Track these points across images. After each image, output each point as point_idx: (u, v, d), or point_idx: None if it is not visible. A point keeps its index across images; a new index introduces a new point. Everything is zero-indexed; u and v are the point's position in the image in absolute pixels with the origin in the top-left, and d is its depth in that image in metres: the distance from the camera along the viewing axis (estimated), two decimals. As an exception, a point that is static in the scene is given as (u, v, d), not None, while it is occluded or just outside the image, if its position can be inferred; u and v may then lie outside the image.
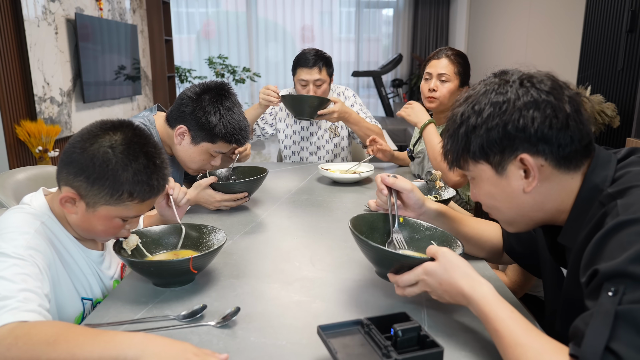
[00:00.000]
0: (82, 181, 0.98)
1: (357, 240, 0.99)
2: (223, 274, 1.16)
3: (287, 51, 8.14)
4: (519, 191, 0.86)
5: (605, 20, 3.37)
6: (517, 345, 0.73)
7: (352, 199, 1.80)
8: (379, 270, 1.03)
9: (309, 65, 2.31)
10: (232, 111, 1.55)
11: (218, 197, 1.61)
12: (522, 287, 1.51)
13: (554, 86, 0.84)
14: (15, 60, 3.59)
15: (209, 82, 1.61)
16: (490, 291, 0.82)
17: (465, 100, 0.90)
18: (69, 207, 1.02)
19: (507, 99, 0.83)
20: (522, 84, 0.84)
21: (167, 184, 1.08)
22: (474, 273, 0.85)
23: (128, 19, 5.42)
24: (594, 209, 0.81)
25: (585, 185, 0.84)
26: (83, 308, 1.07)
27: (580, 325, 0.69)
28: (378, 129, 2.38)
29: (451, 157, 0.93)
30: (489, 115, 0.84)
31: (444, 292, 0.87)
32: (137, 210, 1.04)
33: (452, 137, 0.91)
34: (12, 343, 0.74)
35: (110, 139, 1.00)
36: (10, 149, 3.57)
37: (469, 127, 0.86)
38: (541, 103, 0.82)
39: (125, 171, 0.99)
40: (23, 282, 0.84)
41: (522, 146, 0.82)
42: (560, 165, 0.83)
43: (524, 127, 0.81)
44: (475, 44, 6.63)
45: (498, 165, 0.86)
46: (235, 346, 0.86)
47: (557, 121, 0.81)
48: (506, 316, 0.77)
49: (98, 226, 1.03)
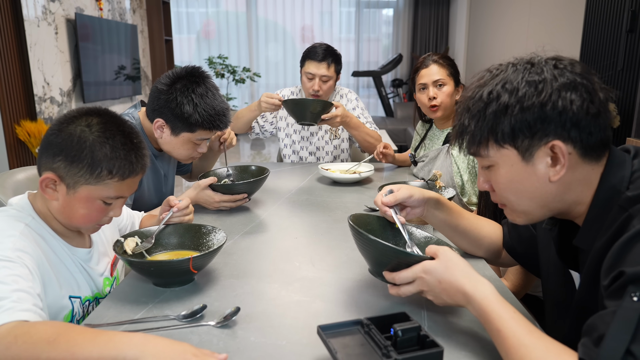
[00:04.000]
0: (60, 161, 0.98)
1: (356, 235, 0.97)
2: (223, 274, 1.16)
3: (287, 51, 8.14)
4: (544, 179, 0.81)
5: (605, 20, 3.37)
6: (521, 346, 0.72)
7: (352, 199, 1.80)
8: (374, 269, 1.00)
9: (318, 59, 2.28)
10: (206, 97, 1.49)
11: (217, 198, 1.60)
12: (524, 288, 1.51)
13: (586, 70, 0.80)
14: (15, 60, 3.59)
15: (179, 69, 1.54)
16: (492, 291, 0.81)
17: (491, 78, 0.83)
18: (49, 192, 1.00)
19: (544, 78, 0.78)
20: (556, 66, 0.80)
21: (147, 164, 1.07)
22: (475, 273, 0.85)
23: (128, 19, 5.42)
24: (614, 212, 0.78)
25: (603, 184, 0.81)
26: (72, 306, 1.05)
27: (599, 323, 0.67)
28: (377, 135, 2.37)
29: (471, 140, 0.85)
30: (524, 94, 0.78)
31: (443, 291, 0.85)
32: (117, 189, 1.02)
33: (475, 118, 0.83)
34: (12, 342, 0.74)
35: (86, 120, 1.00)
36: (10, 149, 3.57)
37: (500, 105, 0.80)
38: (578, 85, 0.77)
39: (103, 147, 0.98)
40: (14, 283, 0.84)
41: (555, 131, 0.78)
42: (585, 154, 0.79)
43: (562, 110, 0.77)
44: (475, 44, 6.63)
45: (526, 150, 0.80)
46: (235, 346, 0.86)
47: (593, 106, 0.77)
48: (509, 316, 0.76)
49: (80, 210, 1.01)
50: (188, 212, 1.29)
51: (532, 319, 0.96)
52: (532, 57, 0.83)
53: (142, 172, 1.07)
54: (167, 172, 1.79)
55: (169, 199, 1.27)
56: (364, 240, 0.94)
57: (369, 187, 1.96)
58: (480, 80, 0.86)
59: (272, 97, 2.15)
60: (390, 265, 0.92)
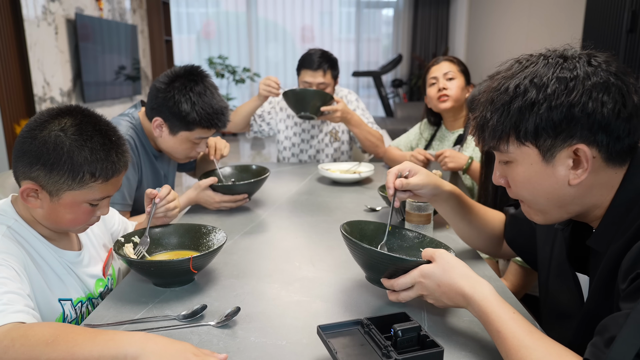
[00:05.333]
0: (39, 170, 0.94)
1: (349, 243, 0.97)
2: (223, 274, 1.16)
3: (287, 51, 8.14)
4: (563, 182, 0.78)
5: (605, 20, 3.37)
6: (522, 347, 0.71)
7: (352, 199, 1.80)
8: (370, 276, 0.99)
9: (314, 68, 2.27)
10: (204, 95, 1.50)
11: (217, 199, 1.60)
12: (523, 288, 1.51)
13: (622, 69, 0.76)
14: (15, 60, 3.59)
15: (178, 68, 1.54)
16: (491, 292, 0.80)
17: (520, 70, 0.78)
18: (32, 202, 0.96)
19: (576, 75, 0.74)
20: (590, 63, 0.75)
21: (129, 160, 1.04)
22: (473, 273, 0.84)
23: (128, 19, 5.42)
24: (635, 214, 0.75)
25: (627, 185, 0.77)
26: (62, 309, 1.03)
27: (611, 324, 0.66)
28: (379, 135, 2.36)
29: (491, 134, 0.81)
30: (554, 91, 0.74)
31: (442, 294, 0.85)
32: (102, 191, 0.99)
33: (499, 112, 0.79)
34: (9, 345, 0.74)
35: (59, 123, 0.95)
36: (10, 149, 3.56)
37: (527, 101, 0.75)
38: (611, 86, 0.73)
39: (82, 151, 0.94)
40: (3, 285, 0.83)
41: (580, 133, 0.74)
42: (610, 159, 0.76)
43: (592, 112, 0.72)
44: (475, 44, 6.62)
45: (547, 150, 0.76)
46: (235, 346, 0.86)
47: (625, 110, 0.73)
48: (508, 317, 0.76)
49: (66, 215, 0.98)
50: (171, 198, 1.26)
51: (532, 319, 0.96)
52: (565, 50, 0.79)
53: (125, 169, 1.03)
54: (167, 172, 1.79)
55: (147, 192, 1.23)
56: (359, 249, 0.93)
57: (369, 187, 1.96)
58: (508, 71, 0.81)
59: (271, 79, 2.15)
60: (388, 272, 0.92)
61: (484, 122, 0.82)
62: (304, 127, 2.48)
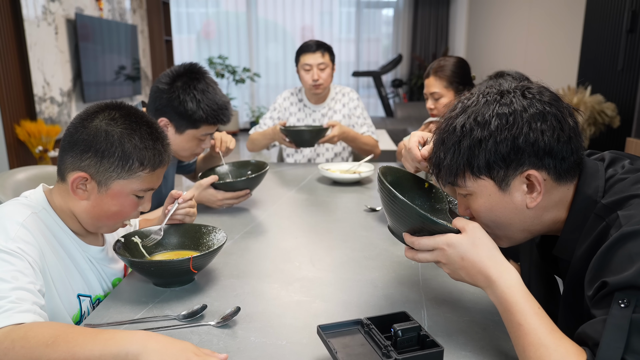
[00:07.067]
0: (90, 158, 0.97)
1: (383, 190, 0.90)
2: (223, 274, 1.16)
3: (287, 51, 8.14)
4: (522, 207, 0.82)
5: (605, 20, 3.38)
6: (541, 346, 0.71)
7: (352, 199, 1.80)
8: (395, 227, 0.93)
9: (312, 50, 2.40)
10: (207, 92, 1.52)
11: (220, 196, 1.61)
12: None
13: (554, 97, 0.82)
14: (15, 60, 3.59)
15: (177, 67, 1.56)
16: (519, 281, 0.78)
17: (463, 111, 0.84)
18: (80, 193, 0.99)
19: (513, 110, 0.79)
20: (524, 95, 0.81)
21: (171, 155, 1.08)
22: (502, 257, 0.81)
23: (128, 19, 5.42)
24: (592, 221, 0.80)
25: (578, 196, 0.83)
26: (80, 305, 1.04)
27: (590, 332, 0.69)
28: (373, 142, 2.45)
29: (448, 172, 0.85)
30: (496, 127, 0.79)
31: (462, 268, 0.82)
32: (148, 181, 1.03)
33: (451, 151, 0.84)
34: (9, 347, 0.74)
35: (109, 114, 1.00)
36: (10, 149, 3.57)
37: (474, 139, 0.81)
38: (547, 114, 0.79)
39: (132, 139, 0.99)
40: (15, 279, 0.82)
41: (528, 160, 0.79)
42: (560, 178, 0.81)
43: (534, 141, 0.78)
44: (475, 44, 6.63)
45: (502, 180, 0.81)
46: (235, 346, 0.86)
47: (563, 134, 0.79)
48: (533, 312, 0.74)
49: (112, 207, 1.01)
50: (193, 203, 1.29)
51: None
52: (501, 87, 0.84)
53: (168, 163, 1.07)
54: (167, 173, 1.79)
55: (172, 193, 1.26)
56: (391, 197, 0.87)
57: (369, 187, 1.96)
58: (452, 111, 0.87)
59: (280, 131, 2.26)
60: (413, 228, 0.87)
61: (439, 162, 0.87)
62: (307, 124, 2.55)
